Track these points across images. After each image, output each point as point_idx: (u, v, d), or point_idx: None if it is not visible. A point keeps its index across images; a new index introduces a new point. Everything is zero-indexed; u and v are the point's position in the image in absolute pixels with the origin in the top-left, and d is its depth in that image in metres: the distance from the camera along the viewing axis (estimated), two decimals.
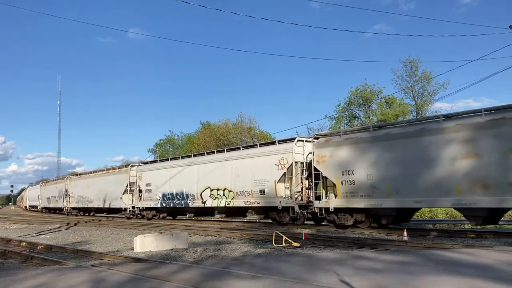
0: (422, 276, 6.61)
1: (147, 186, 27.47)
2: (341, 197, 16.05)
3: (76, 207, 38.21)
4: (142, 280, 6.80)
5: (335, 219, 16.77)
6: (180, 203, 24.33)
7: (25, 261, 10.42)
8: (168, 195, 25.32)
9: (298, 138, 19.20)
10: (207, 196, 22.53)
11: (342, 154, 16.16)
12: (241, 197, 20.55)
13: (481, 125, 12.70)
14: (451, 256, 8.70)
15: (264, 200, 19.39)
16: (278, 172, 18.84)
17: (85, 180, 36.87)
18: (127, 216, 29.55)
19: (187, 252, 10.87)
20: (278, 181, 18.83)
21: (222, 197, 21.56)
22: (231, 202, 21.04)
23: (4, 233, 19.68)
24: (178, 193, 24.61)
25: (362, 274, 6.83)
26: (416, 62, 37.28)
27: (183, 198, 24.10)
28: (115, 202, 30.58)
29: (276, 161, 18.95)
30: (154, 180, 26.78)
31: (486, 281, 6.11)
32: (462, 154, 12.89)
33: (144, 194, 27.79)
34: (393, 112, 36.01)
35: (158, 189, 26.23)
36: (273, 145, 20.02)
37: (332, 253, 9.96)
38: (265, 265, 8.04)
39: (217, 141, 47.69)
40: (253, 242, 13.20)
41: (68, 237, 17.17)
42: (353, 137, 16.28)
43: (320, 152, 17.01)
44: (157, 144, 67.16)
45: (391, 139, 14.79)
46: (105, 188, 32.09)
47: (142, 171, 28.39)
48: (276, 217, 19.37)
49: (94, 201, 34.07)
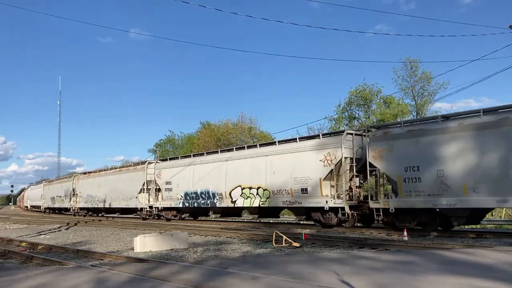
0: (422, 276, 6.62)
1: (166, 184, 25.69)
2: (403, 196, 14.48)
3: (84, 207, 36.34)
4: (142, 280, 6.81)
5: (395, 221, 15.24)
6: (206, 202, 22.73)
7: (25, 261, 10.42)
8: (192, 194, 23.66)
9: (347, 131, 17.45)
10: (237, 195, 20.91)
11: (405, 148, 14.55)
12: (278, 197, 18.87)
13: None
14: (451, 256, 8.70)
15: (307, 199, 17.66)
16: (323, 169, 17.05)
17: (95, 178, 34.81)
18: (142, 217, 27.90)
19: (187, 252, 10.87)
20: (324, 179, 17.06)
21: (256, 197, 19.87)
22: (266, 202, 19.35)
23: (4, 233, 19.68)
24: (203, 192, 22.97)
25: (362, 274, 6.84)
26: (416, 62, 37.30)
27: (209, 198, 22.50)
28: (129, 202, 28.78)
29: (321, 157, 17.13)
30: (175, 178, 25.01)
31: (486, 281, 6.12)
32: None
33: (163, 193, 26.00)
34: (392, 112, 36.01)
35: (180, 188, 24.56)
36: (315, 139, 18.14)
37: (332, 253, 9.97)
38: (265, 265, 8.04)
39: (217, 141, 47.67)
40: (253, 242, 13.20)
41: (68, 237, 17.17)
42: (418, 128, 14.59)
43: (376, 146, 15.39)
44: (157, 144, 67.06)
45: (467, 130, 13.26)
46: (118, 187, 30.15)
47: (161, 169, 26.57)
48: (321, 219, 17.58)
49: (105, 200, 32.16)
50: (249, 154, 20.77)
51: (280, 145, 19.60)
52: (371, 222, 17.41)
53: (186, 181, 24.07)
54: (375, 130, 16.15)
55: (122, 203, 29.80)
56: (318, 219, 17.77)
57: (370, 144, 15.70)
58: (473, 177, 12.94)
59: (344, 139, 16.73)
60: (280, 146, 19.53)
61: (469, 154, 13.11)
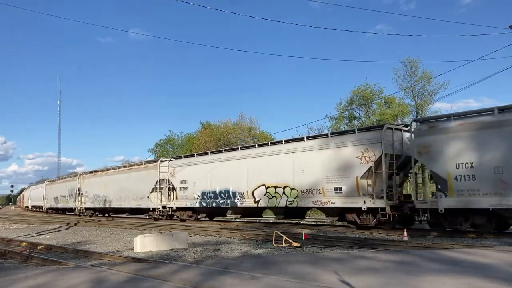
0: (422, 276, 6.61)
1: (181, 183, 24.50)
2: (454, 195, 13.38)
3: (90, 207, 34.99)
4: (142, 280, 6.80)
5: (443, 223, 14.09)
6: (225, 202, 21.57)
7: (25, 261, 10.43)
8: (209, 194, 22.54)
9: (387, 125, 16.32)
10: (261, 195, 19.73)
11: (456, 143, 13.47)
12: (308, 196, 17.61)
13: None
14: (451, 256, 8.70)
15: (342, 199, 16.49)
16: (361, 167, 15.87)
17: (102, 177, 33.50)
18: (154, 217, 26.63)
19: (187, 252, 10.87)
20: (361, 177, 15.88)
21: (282, 196, 18.71)
22: (294, 201, 18.14)
23: (4, 233, 19.68)
24: (222, 191, 21.79)
25: (362, 274, 6.83)
26: (416, 62, 37.26)
27: (229, 197, 21.36)
28: (140, 202, 27.57)
29: (357, 153, 15.98)
30: (191, 176, 23.81)
31: (487, 281, 6.11)
32: None
33: (178, 192, 24.79)
34: (392, 112, 36.00)
35: (196, 187, 23.40)
36: (350, 135, 16.96)
37: (332, 253, 9.97)
38: (265, 265, 8.03)
39: (217, 141, 47.66)
40: (253, 242, 13.19)
41: (68, 237, 17.17)
42: (471, 122, 13.45)
43: (422, 141, 14.28)
44: (157, 144, 67.06)
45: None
46: (128, 186, 28.80)
47: (175, 167, 25.31)
48: (357, 220, 16.37)
49: (113, 200, 30.92)
50: (274, 151, 19.53)
51: (309, 141, 18.36)
52: (410, 223, 16.39)
53: (203, 180, 22.94)
54: (419, 124, 14.96)
55: (132, 203, 28.66)
56: (354, 221, 16.58)
57: (415, 139, 14.70)
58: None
59: (384, 134, 15.58)
60: (308, 142, 18.26)
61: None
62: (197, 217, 24.92)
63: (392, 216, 15.26)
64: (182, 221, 24.52)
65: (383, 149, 15.37)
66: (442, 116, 14.97)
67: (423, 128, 14.61)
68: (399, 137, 16.10)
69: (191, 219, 24.68)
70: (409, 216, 15.77)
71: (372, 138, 15.88)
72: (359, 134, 16.55)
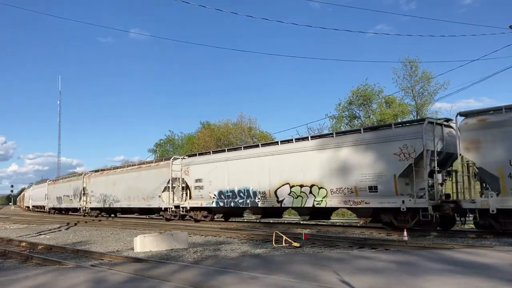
0: (422, 275, 6.61)
1: (196, 182, 23.34)
2: (508, 194, 12.48)
3: (96, 207, 33.71)
4: (141, 280, 6.80)
5: (494, 224, 13.08)
6: (245, 202, 20.49)
7: (25, 261, 10.42)
8: (227, 193, 21.39)
9: (428, 119, 15.22)
10: (284, 194, 18.64)
11: (511, 138, 12.51)
12: (338, 196, 16.64)
13: None
14: (451, 256, 8.69)
15: (377, 199, 15.47)
16: (399, 164, 14.88)
17: (110, 176, 32.20)
18: (166, 218, 25.59)
19: (187, 252, 10.86)
20: (400, 175, 14.89)
21: (308, 196, 17.60)
22: (323, 201, 17.08)
23: (4, 233, 19.67)
24: (241, 190, 20.67)
25: (362, 274, 6.82)
26: (416, 62, 37.31)
27: (249, 197, 20.28)
28: (151, 202, 26.40)
29: (395, 150, 15.00)
30: (207, 175, 22.65)
31: (487, 281, 6.11)
32: None
33: (192, 191, 23.60)
34: (392, 112, 36.04)
35: (213, 186, 22.27)
36: (386, 130, 16.02)
37: (332, 253, 9.97)
38: (265, 265, 8.03)
39: (217, 141, 47.68)
40: (253, 242, 13.19)
41: (68, 237, 17.16)
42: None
43: (470, 136, 13.34)
44: (157, 144, 67.18)
45: None
46: (138, 186, 27.61)
47: (189, 165, 24.17)
48: (393, 221, 15.40)
49: (121, 200, 29.74)
50: (298, 148, 18.40)
51: (339, 137, 17.37)
52: (450, 225, 15.42)
53: (220, 178, 21.83)
54: (466, 118, 14.01)
55: (142, 202, 27.52)
56: (390, 222, 15.61)
57: (462, 134, 13.72)
58: None
59: (425, 129, 14.57)
60: (338, 138, 17.25)
61: None
62: (212, 218, 23.84)
63: (434, 217, 14.25)
64: (197, 221, 23.61)
65: (424, 144, 14.36)
66: (491, 108, 13.90)
67: (470, 122, 13.69)
68: (439, 132, 15.21)
69: (206, 219, 23.65)
70: (451, 217, 14.82)
71: (412, 133, 14.92)
72: (396, 129, 15.67)
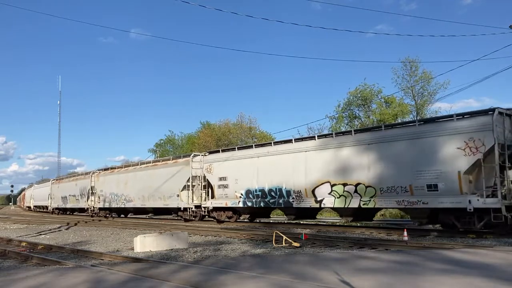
0: (423, 275, 6.60)
1: (220, 180, 21.79)
2: None
3: (106, 207, 32.03)
4: (141, 280, 6.80)
5: None
6: (276, 202, 18.94)
7: (25, 261, 10.43)
8: (256, 192, 19.82)
9: (498, 109, 13.56)
10: (324, 193, 16.99)
11: None
12: (389, 195, 15.06)
13: None
14: (451, 256, 8.69)
15: (436, 199, 13.99)
16: (464, 160, 13.43)
17: (121, 175, 30.42)
18: (185, 218, 24.06)
19: (187, 252, 10.86)
20: (465, 172, 13.46)
21: (353, 195, 16.04)
22: (370, 201, 15.52)
23: (4, 233, 19.67)
24: (272, 189, 19.09)
25: (362, 274, 6.82)
26: (416, 62, 37.26)
27: (281, 196, 18.65)
28: (169, 201, 24.88)
29: (459, 144, 13.57)
30: (233, 172, 21.15)
31: (487, 281, 6.10)
32: None
33: (216, 190, 22.06)
34: (392, 112, 36.01)
35: (239, 184, 20.72)
36: (447, 122, 14.43)
37: (332, 253, 9.96)
38: (265, 265, 8.03)
39: (217, 141, 47.67)
40: (253, 242, 13.18)
41: (68, 237, 17.16)
42: None
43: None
44: (157, 144, 67.15)
45: None
46: (154, 184, 26.04)
47: (211, 162, 22.63)
48: (455, 223, 13.93)
49: (134, 199, 28.13)
50: (341, 144, 16.80)
51: (388, 130, 15.83)
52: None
53: (248, 176, 20.25)
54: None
55: (158, 202, 25.92)
56: (451, 223, 14.20)
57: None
58: None
59: (496, 120, 13.08)
60: (388, 131, 15.74)
61: None
62: (237, 218, 22.52)
63: (509, 219, 12.68)
64: (220, 222, 22.15)
65: (495, 137, 12.92)
66: None
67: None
68: (508, 124, 13.75)
69: (231, 220, 22.38)
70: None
71: (480, 125, 13.47)
72: (460, 121, 14.10)
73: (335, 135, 17.60)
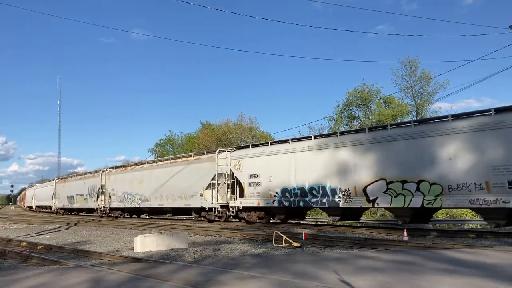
0: (423, 275, 6.61)
1: (251, 178, 20.12)
2: None
3: (118, 207, 30.40)
4: (141, 280, 6.79)
5: None
6: (319, 201, 17.17)
7: (25, 261, 10.43)
8: (294, 191, 18.10)
9: None
10: (378, 192, 15.23)
11: None
12: (460, 193, 13.34)
13: None
14: (451, 256, 8.69)
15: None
16: None
17: (135, 173, 28.73)
18: (209, 219, 22.63)
19: (187, 252, 10.86)
20: None
21: (414, 194, 14.27)
22: (436, 201, 13.81)
23: (4, 233, 19.67)
24: (314, 187, 17.35)
25: (362, 274, 6.82)
26: (416, 62, 37.29)
27: (325, 195, 16.89)
28: (190, 201, 23.33)
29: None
30: (265, 169, 19.50)
31: (487, 281, 6.10)
32: None
33: (246, 189, 20.37)
34: (391, 112, 36.03)
35: (273, 182, 19.11)
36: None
37: (332, 252, 9.96)
38: (265, 265, 8.02)
39: (217, 141, 47.66)
40: (253, 242, 13.19)
41: (68, 237, 17.16)
42: None
43: None
44: (157, 144, 67.16)
45: None
46: (173, 183, 24.46)
47: (240, 158, 21.07)
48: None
49: (150, 199, 26.57)
50: (397, 135, 15.12)
51: (455, 122, 13.94)
52: None
53: (285, 173, 18.62)
54: None
55: (178, 202, 24.30)
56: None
57: None
58: None
59: None
60: (454, 123, 13.91)
61: None
62: (269, 219, 21.07)
63: None
64: (250, 223, 20.67)
65: None
66: None
67: None
68: None
69: (262, 221, 20.73)
70: None
71: None
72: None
73: (390, 127, 15.87)
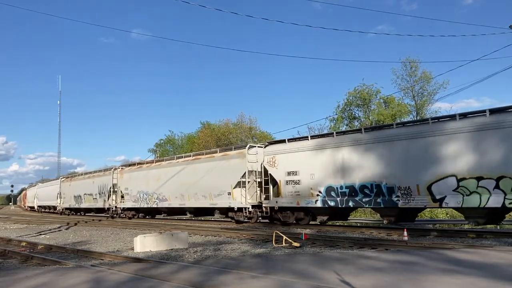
0: (423, 275, 6.61)
1: (289, 175, 18.43)
2: None
3: (133, 207, 28.57)
4: (141, 280, 6.80)
5: None
6: (372, 201, 15.49)
7: (25, 261, 10.43)
8: (341, 189, 16.43)
9: None
10: (447, 190, 13.52)
11: None
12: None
13: None
14: (451, 256, 8.69)
15: None
16: None
17: (152, 170, 27.06)
18: (237, 220, 21.15)
19: (187, 252, 10.86)
20: None
21: (492, 192, 12.57)
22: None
23: (4, 233, 19.68)
24: (366, 185, 15.67)
25: (363, 274, 6.82)
26: (416, 62, 37.31)
27: (380, 194, 15.22)
28: (216, 200, 21.67)
29: None
30: (306, 166, 17.72)
31: (487, 281, 6.11)
32: None
33: (283, 187, 18.69)
34: (391, 112, 36.04)
35: (315, 180, 17.39)
36: None
37: (332, 252, 9.96)
38: (265, 265, 8.02)
39: (217, 141, 47.66)
40: (253, 242, 13.19)
41: (68, 237, 17.16)
42: None
43: None
44: (157, 144, 67.16)
45: None
46: (196, 181, 22.77)
47: (274, 154, 19.27)
48: None
49: (170, 198, 24.82)
50: (468, 127, 13.32)
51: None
52: None
53: (329, 169, 16.93)
54: None
55: (202, 201, 22.62)
56: None
57: None
58: None
59: None
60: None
61: None
62: (310, 220, 19.05)
63: None
64: (286, 225, 19.00)
65: None
66: None
67: None
68: None
69: (301, 222, 18.77)
70: None
71: None
72: None
73: (459, 117, 13.88)
